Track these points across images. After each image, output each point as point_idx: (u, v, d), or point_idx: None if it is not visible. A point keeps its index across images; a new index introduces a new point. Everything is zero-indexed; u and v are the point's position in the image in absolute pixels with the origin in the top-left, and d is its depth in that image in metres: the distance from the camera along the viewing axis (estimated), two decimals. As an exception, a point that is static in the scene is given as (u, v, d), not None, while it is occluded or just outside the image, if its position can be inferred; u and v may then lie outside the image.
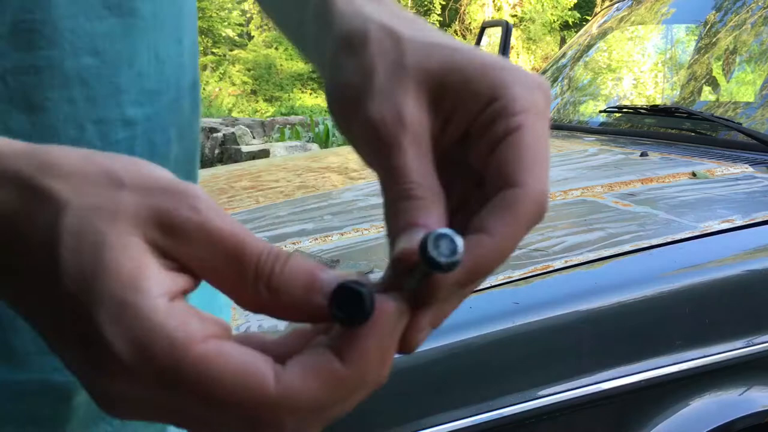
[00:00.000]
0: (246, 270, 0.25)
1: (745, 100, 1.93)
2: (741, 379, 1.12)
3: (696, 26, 2.10)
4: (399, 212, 0.28)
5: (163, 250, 0.25)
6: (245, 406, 0.24)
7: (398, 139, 0.29)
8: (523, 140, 0.28)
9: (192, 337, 0.24)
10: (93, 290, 0.23)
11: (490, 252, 0.27)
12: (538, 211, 0.28)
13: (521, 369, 1.01)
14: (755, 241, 1.21)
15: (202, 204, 0.25)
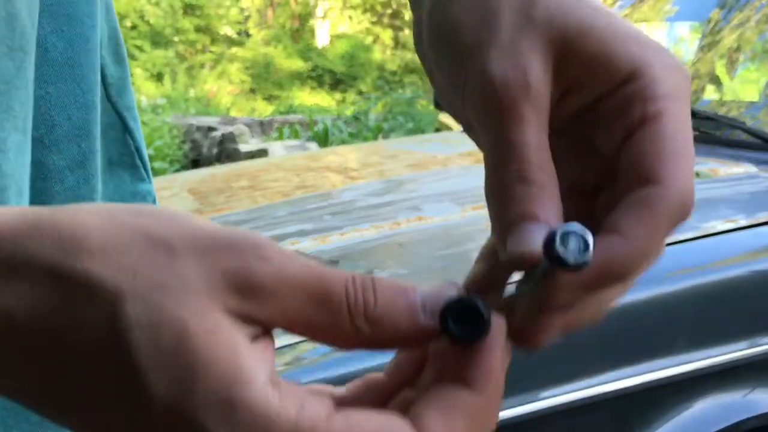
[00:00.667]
0: (339, 310, 0.22)
1: (749, 99, 1.92)
2: (745, 380, 1.11)
3: (699, 24, 2.09)
4: (512, 197, 0.25)
5: (247, 317, 0.22)
6: None
7: (520, 107, 0.25)
8: (665, 129, 0.25)
9: (317, 419, 0.21)
10: (195, 398, 0.20)
11: (623, 254, 0.24)
12: (682, 211, 0.24)
13: (522, 370, 1.01)
14: (759, 241, 1.20)
15: (269, 252, 0.22)
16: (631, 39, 0.26)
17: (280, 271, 0.22)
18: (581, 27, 0.26)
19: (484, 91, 0.26)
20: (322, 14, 13.31)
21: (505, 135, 0.25)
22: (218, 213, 1.52)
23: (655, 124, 0.25)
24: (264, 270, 0.22)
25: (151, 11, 11.32)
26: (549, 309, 0.24)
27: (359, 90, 11.34)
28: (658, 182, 0.24)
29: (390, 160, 1.92)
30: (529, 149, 0.25)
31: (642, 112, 0.25)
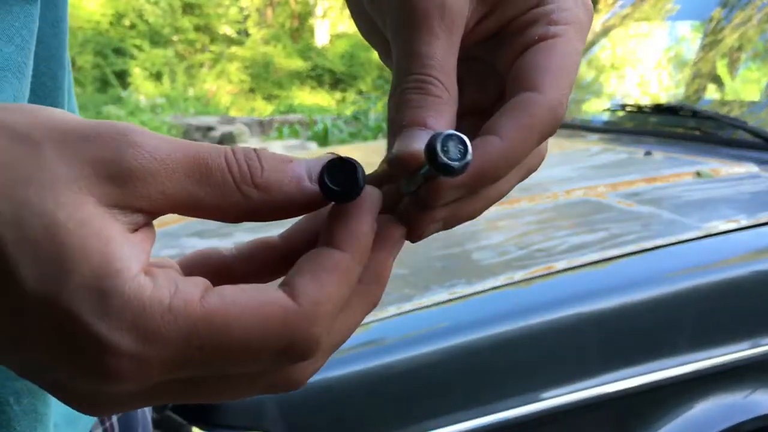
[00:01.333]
0: (223, 181, 0.23)
1: (751, 99, 1.92)
2: (746, 381, 1.11)
3: (701, 23, 2.09)
4: (407, 104, 0.26)
5: (123, 204, 0.22)
6: (276, 337, 0.22)
7: (432, 23, 0.27)
8: (557, 49, 0.27)
9: (190, 300, 0.22)
10: (65, 287, 0.20)
11: (499, 155, 0.25)
12: (552, 121, 0.26)
13: (524, 371, 1.00)
14: (760, 241, 1.20)
15: (138, 137, 0.22)
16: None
17: (152, 153, 0.22)
18: None
19: (402, 7, 0.27)
20: (321, 13, 13.32)
21: (412, 46, 0.27)
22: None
23: (548, 42, 0.27)
24: (133, 154, 0.21)
25: (150, 10, 11.32)
26: (430, 207, 0.26)
27: (359, 89, 11.34)
28: (537, 90, 0.26)
29: (390, 159, 1.91)
30: (433, 62, 0.27)
31: (542, 32, 0.27)
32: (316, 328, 0.23)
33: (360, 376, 0.93)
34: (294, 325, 0.22)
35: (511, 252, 1.15)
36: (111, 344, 0.21)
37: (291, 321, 0.22)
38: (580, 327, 1.03)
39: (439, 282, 1.07)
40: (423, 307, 1.01)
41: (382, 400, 0.95)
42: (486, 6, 0.28)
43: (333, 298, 0.23)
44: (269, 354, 0.23)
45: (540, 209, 1.35)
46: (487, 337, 0.98)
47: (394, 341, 0.98)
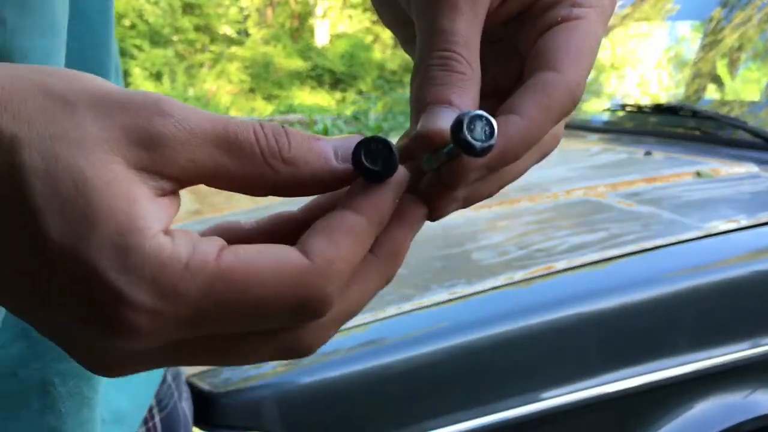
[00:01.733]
0: (252, 154, 0.23)
1: (751, 99, 1.92)
2: (746, 381, 1.11)
3: (701, 23, 2.09)
4: (431, 81, 0.27)
5: (152, 169, 0.22)
6: (293, 295, 0.23)
7: (457, 0, 0.27)
8: (578, 31, 0.27)
9: (207, 258, 0.22)
10: (88, 241, 0.21)
11: (520, 134, 0.26)
12: (571, 100, 0.27)
13: (524, 371, 1.00)
14: (760, 241, 1.20)
15: (170, 107, 0.23)
16: None
17: (183, 122, 0.22)
18: None
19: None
20: (321, 13, 13.31)
21: (436, 22, 0.27)
22: (218, 213, 1.52)
23: (570, 24, 0.28)
24: (165, 122, 0.22)
25: (150, 10, 11.31)
26: (453, 187, 0.26)
27: (359, 89, 11.34)
28: (556, 70, 0.27)
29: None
30: (457, 37, 0.27)
31: (565, 13, 0.28)
32: (329, 285, 0.23)
33: (360, 376, 0.93)
34: (308, 281, 0.23)
35: (511, 252, 1.15)
36: (129, 298, 0.21)
37: (305, 278, 0.23)
38: (580, 327, 1.03)
39: (439, 282, 1.07)
40: (423, 307, 1.01)
41: (382, 400, 0.95)
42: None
43: (346, 257, 0.24)
44: (284, 310, 0.23)
45: (540, 209, 1.35)
46: (487, 337, 0.98)
47: (394, 341, 0.98)
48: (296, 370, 0.93)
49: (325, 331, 0.25)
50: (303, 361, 0.95)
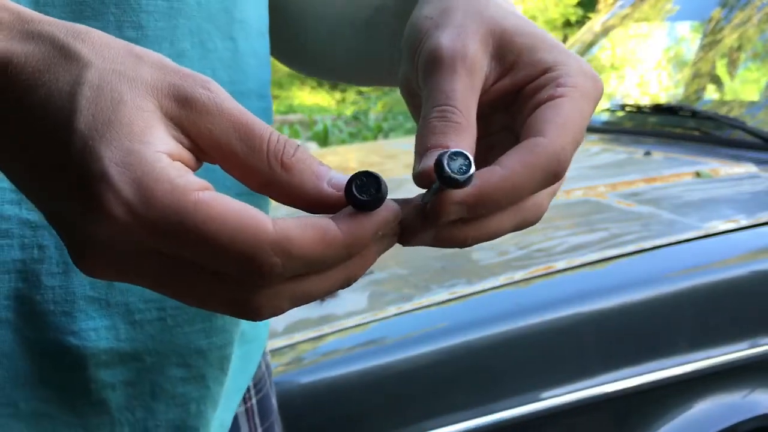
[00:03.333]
0: (259, 144, 0.27)
1: (750, 99, 1.92)
2: (745, 381, 1.11)
3: (700, 23, 2.09)
4: (431, 130, 0.30)
5: (177, 120, 0.27)
6: (242, 244, 0.25)
7: (456, 66, 0.32)
8: (562, 106, 0.30)
9: (192, 185, 0.25)
10: (104, 136, 0.25)
11: (498, 180, 0.28)
12: (554, 165, 0.29)
13: (523, 371, 1.01)
14: (760, 241, 1.20)
15: (214, 86, 0.27)
16: (557, 45, 0.33)
17: (217, 98, 0.27)
18: (518, 29, 0.33)
19: (432, 54, 0.32)
20: (322, 13, 13.26)
21: (438, 85, 0.32)
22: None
23: (556, 101, 0.31)
24: (204, 93, 0.27)
25: (151, 10, 11.27)
26: (430, 218, 0.29)
27: (359, 89, 11.33)
28: (541, 136, 0.30)
29: (390, 159, 1.92)
30: (456, 97, 0.31)
31: (550, 92, 0.31)
32: (275, 257, 0.25)
33: (360, 375, 0.94)
34: (261, 242, 0.25)
35: (511, 252, 1.16)
36: (115, 185, 0.24)
37: (260, 238, 0.25)
38: (579, 327, 1.03)
39: (439, 282, 1.07)
40: (423, 307, 1.01)
41: (382, 400, 0.95)
42: (503, 67, 0.33)
43: (303, 244, 0.26)
44: (231, 255, 0.25)
45: (540, 209, 1.35)
46: (487, 337, 0.99)
47: (394, 341, 0.98)
48: (296, 370, 0.94)
49: (276, 301, 0.27)
50: (303, 361, 0.95)
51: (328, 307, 1.03)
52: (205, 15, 0.39)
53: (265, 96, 0.45)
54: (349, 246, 0.27)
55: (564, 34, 14.44)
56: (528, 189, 0.29)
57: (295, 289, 0.27)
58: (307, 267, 0.26)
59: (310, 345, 0.96)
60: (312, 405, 0.92)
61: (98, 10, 0.35)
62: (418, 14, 0.35)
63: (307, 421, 0.93)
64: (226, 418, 0.46)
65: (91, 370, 0.37)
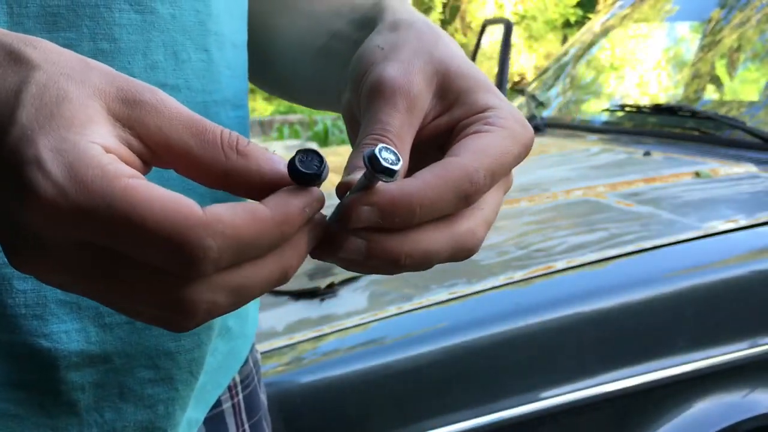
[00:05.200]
0: (212, 137, 0.27)
1: (750, 99, 1.92)
2: (745, 380, 1.11)
3: (700, 23, 2.09)
4: (362, 148, 0.31)
5: (125, 122, 0.27)
6: (172, 228, 0.25)
7: (396, 99, 0.32)
8: (482, 138, 0.31)
9: (122, 172, 0.25)
10: (43, 127, 0.25)
11: (410, 188, 0.29)
12: (465, 184, 0.30)
13: (523, 370, 1.01)
14: (759, 241, 1.20)
15: (162, 94, 0.28)
16: (493, 91, 0.34)
17: (166, 100, 0.28)
18: (462, 71, 0.34)
19: (376, 84, 0.33)
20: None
21: (376, 115, 0.32)
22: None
23: (480, 134, 0.32)
24: (152, 95, 0.27)
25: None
26: (344, 216, 0.29)
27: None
28: (456, 156, 0.30)
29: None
30: (390, 127, 0.32)
31: (476, 128, 0.32)
32: (208, 239, 0.25)
33: (360, 375, 0.94)
34: (190, 226, 0.25)
35: (511, 252, 1.16)
36: (45, 166, 0.25)
37: (188, 222, 0.25)
38: (579, 327, 1.03)
39: (439, 282, 1.07)
40: (423, 306, 1.02)
41: (382, 399, 0.95)
42: (442, 106, 0.34)
43: (235, 223, 0.26)
44: (160, 241, 0.25)
45: (539, 209, 1.36)
46: (486, 336, 0.99)
47: (394, 341, 0.98)
48: (296, 370, 0.94)
49: (212, 294, 0.27)
50: (303, 361, 0.95)
51: (328, 307, 1.04)
52: (179, 28, 0.40)
53: (240, 106, 0.45)
54: (280, 223, 0.27)
55: (564, 34, 14.45)
56: (441, 203, 0.29)
57: (231, 281, 0.27)
58: (241, 251, 0.26)
59: (310, 345, 0.96)
60: (312, 405, 0.93)
61: (72, 22, 0.36)
62: (369, 44, 0.36)
63: (307, 421, 0.93)
64: (196, 415, 0.46)
65: (62, 372, 0.38)
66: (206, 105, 0.41)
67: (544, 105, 2.24)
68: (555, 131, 2.07)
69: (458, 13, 14.20)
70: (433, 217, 0.30)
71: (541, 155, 1.78)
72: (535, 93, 2.32)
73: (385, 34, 0.36)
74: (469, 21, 13.98)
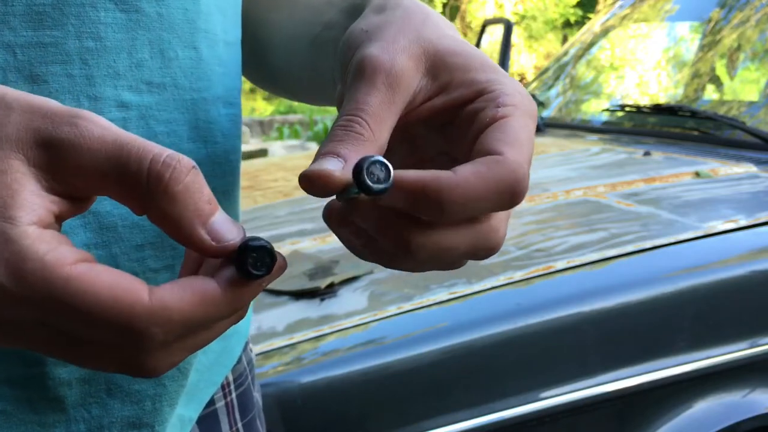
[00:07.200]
0: (137, 166, 0.26)
1: (750, 99, 1.92)
2: (745, 380, 1.11)
3: (700, 23, 2.09)
4: (332, 137, 0.30)
5: (45, 167, 0.26)
6: (118, 317, 0.25)
7: (376, 78, 0.31)
8: (511, 125, 0.30)
9: (62, 259, 0.25)
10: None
11: (448, 184, 0.27)
12: (511, 180, 0.28)
13: (523, 371, 1.01)
14: (759, 241, 1.20)
15: (83, 120, 0.26)
16: (489, 65, 0.33)
17: (86, 131, 0.26)
18: (453, 48, 0.33)
19: (357, 64, 0.32)
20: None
21: (355, 95, 0.31)
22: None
23: (501, 121, 0.30)
24: (69, 130, 0.26)
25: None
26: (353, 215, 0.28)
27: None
28: (498, 153, 0.29)
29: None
30: (366, 107, 0.30)
31: (492, 114, 0.30)
32: (154, 327, 0.25)
33: (360, 375, 0.94)
34: (136, 315, 0.25)
35: (511, 252, 1.16)
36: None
37: (135, 311, 0.25)
38: (579, 327, 1.03)
39: (439, 282, 1.07)
40: (423, 306, 1.02)
41: (382, 399, 0.95)
42: (436, 86, 0.32)
43: (182, 311, 0.26)
44: (110, 329, 0.25)
45: (539, 209, 1.36)
46: (486, 336, 0.99)
47: (394, 341, 0.98)
48: (296, 370, 0.94)
49: (169, 358, 0.27)
50: (303, 361, 0.95)
51: (328, 307, 1.04)
52: (166, 26, 0.39)
53: (233, 104, 0.45)
54: (233, 301, 0.27)
55: (564, 34, 14.44)
56: (481, 203, 0.28)
57: (185, 345, 0.27)
58: (190, 329, 0.26)
59: (310, 345, 0.96)
60: (312, 405, 0.93)
61: (58, 20, 0.36)
62: (354, 28, 0.35)
63: (307, 421, 0.93)
64: (189, 413, 0.46)
65: (49, 368, 0.38)
66: (195, 102, 0.41)
67: (544, 105, 2.24)
68: (555, 131, 2.07)
69: (458, 13, 14.20)
70: (468, 216, 0.28)
71: (541, 155, 1.78)
72: (535, 93, 2.32)
73: (371, 17, 0.35)
74: (469, 21, 13.98)
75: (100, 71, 0.37)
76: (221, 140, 0.43)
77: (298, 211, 1.48)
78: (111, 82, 0.37)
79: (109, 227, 0.37)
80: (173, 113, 0.40)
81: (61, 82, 0.36)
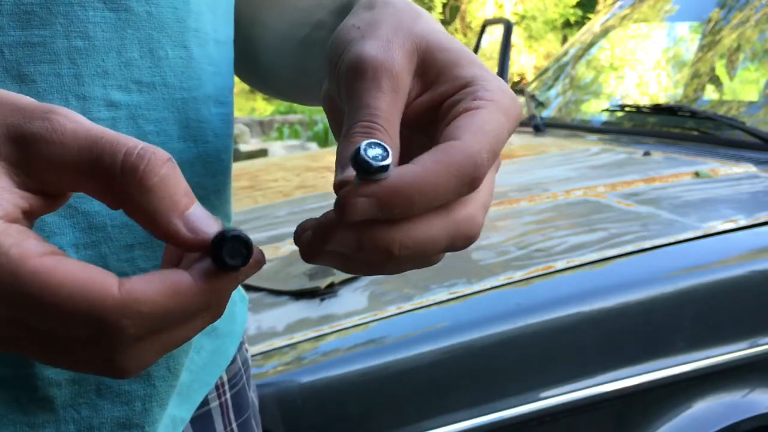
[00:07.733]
0: (110, 159, 0.25)
1: (749, 99, 1.92)
2: (744, 380, 1.11)
3: (699, 24, 2.09)
4: (353, 141, 0.29)
5: (17, 163, 0.26)
6: (87, 310, 0.24)
7: (381, 80, 0.31)
8: (480, 116, 0.30)
9: (27, 253, 0.24)
10: None
11: (411, 178, 0.27)
12: (469, 166, 0.28)
13: (522, 370, 1.01)
14: (759, 241, 1.20)
15: (55, 115, 0.26)
16: (476, 63, 0.33)
17: (58, 126, 0.26)
18: (442, 45, 0.33)
19: (356, 64, 0.31)
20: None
21: (363, 100, 0.31)
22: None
23: (473, 111, 0.30)
24: (41, 125, 0.26)
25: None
26: (340, 211, 0.27)
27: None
28: (457, 139, 0.29)
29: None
30: (379, 112, 0.30)
31: (466, 105, 0.31)
32: (124, 319, 0.25)
33: (360, 375, 0.94)
34: (106, 308, 0.24)
35: (511, 252, 1.16)
36: None
37: (105, 304, 0.24)
38: (579, 326, 1.03)
39: (439, 281, 1.07)
40: (423, 306, 1.02)
41: (382, 399, 0.95)
42: (423, 83, 0.33)
43: (155, 304, 0.25)
44: (78, 324, 0.25)
45: (539, 209, 1.36)
46: (486, 336, 0.99)
47: (394, 341, 0.98)
48: (296, 370, 0.94)
49: (143, 356, 0.27)
50: (303, 361, 0.95)
51: (328, 307, 1.04)
52: (156, 25, 0.39)
53: (224, 103, 0.44)
54: (206, 293, 0.26)
55: (564, 35, 14.43)
56: (443, 190, 0.28)
57: (158, 342, 0.27)
58: (163, 322, 0.26)
59: (310, 345, 0.96)
60: (312, 405, 0.93)
61: (46, 20, 0.35)
62: (344, 24, 0.34)
63: (307, 421, 0.93)
64: (181, 414, 0.46)
65: (38, 368, 0.37)
66: (185, 101, 0.41)
67: (544, 105, 2.24)
68: (555, 131, 2.07)
69: (458, 13, 14.19)
70: (435, 205, 0.28)
71: (541, 155, 1.78)
72: (535, 93, 2.32)
73: (361, 14, 0.35)
74: (469, 21, 13.98)
75: (88, 71, 0.36)
76: (212, 139, 0.43)
77: (298, 211, 1.48)
78: (100, 82, 0.37)
79: (98, 227, 0.37)
80: (163, 112, 0.39)
81: (50, 81, 0.35)
